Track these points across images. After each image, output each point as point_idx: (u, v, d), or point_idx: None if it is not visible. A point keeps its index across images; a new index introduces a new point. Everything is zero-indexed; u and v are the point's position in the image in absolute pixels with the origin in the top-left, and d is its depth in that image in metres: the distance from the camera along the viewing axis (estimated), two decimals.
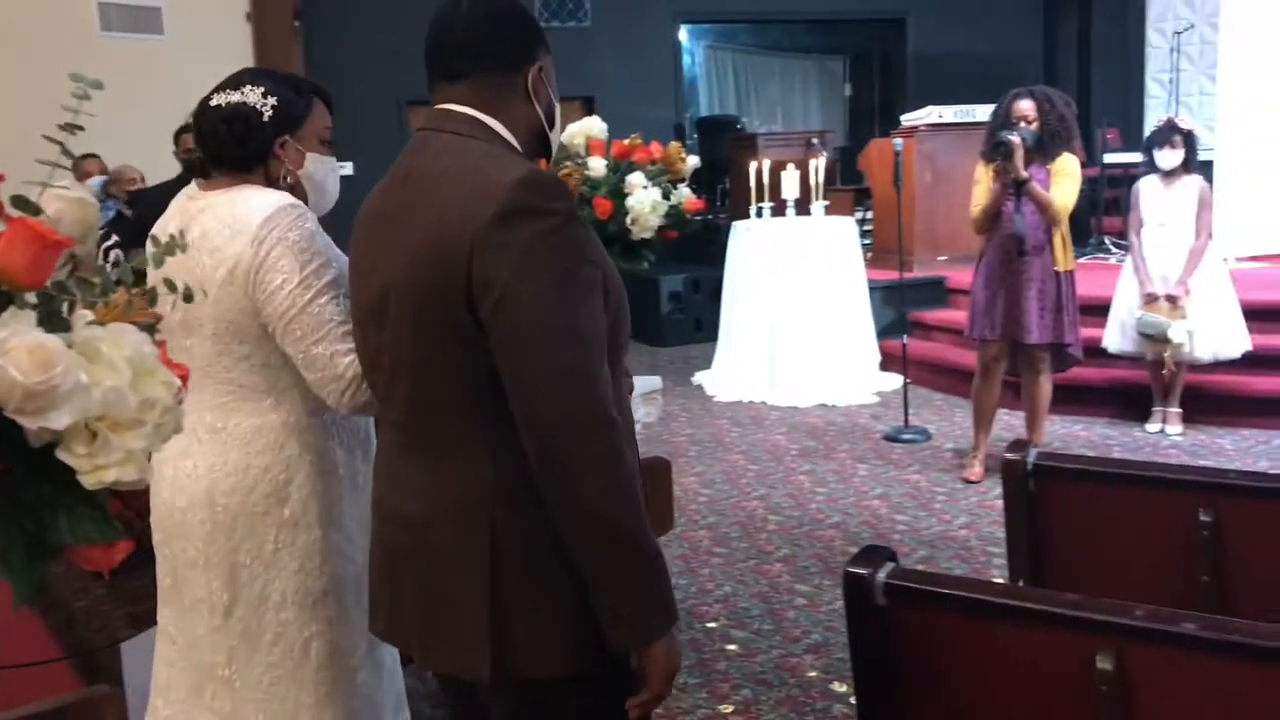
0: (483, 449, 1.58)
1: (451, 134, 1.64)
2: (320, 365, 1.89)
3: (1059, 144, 4.86)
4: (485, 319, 1.50)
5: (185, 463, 1.98)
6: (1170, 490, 2.45)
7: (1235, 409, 5.98)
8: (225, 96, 2.00)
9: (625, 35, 10.06)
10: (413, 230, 1.57)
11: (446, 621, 1.62)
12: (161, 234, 1.95)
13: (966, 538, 4.50)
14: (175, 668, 2.07)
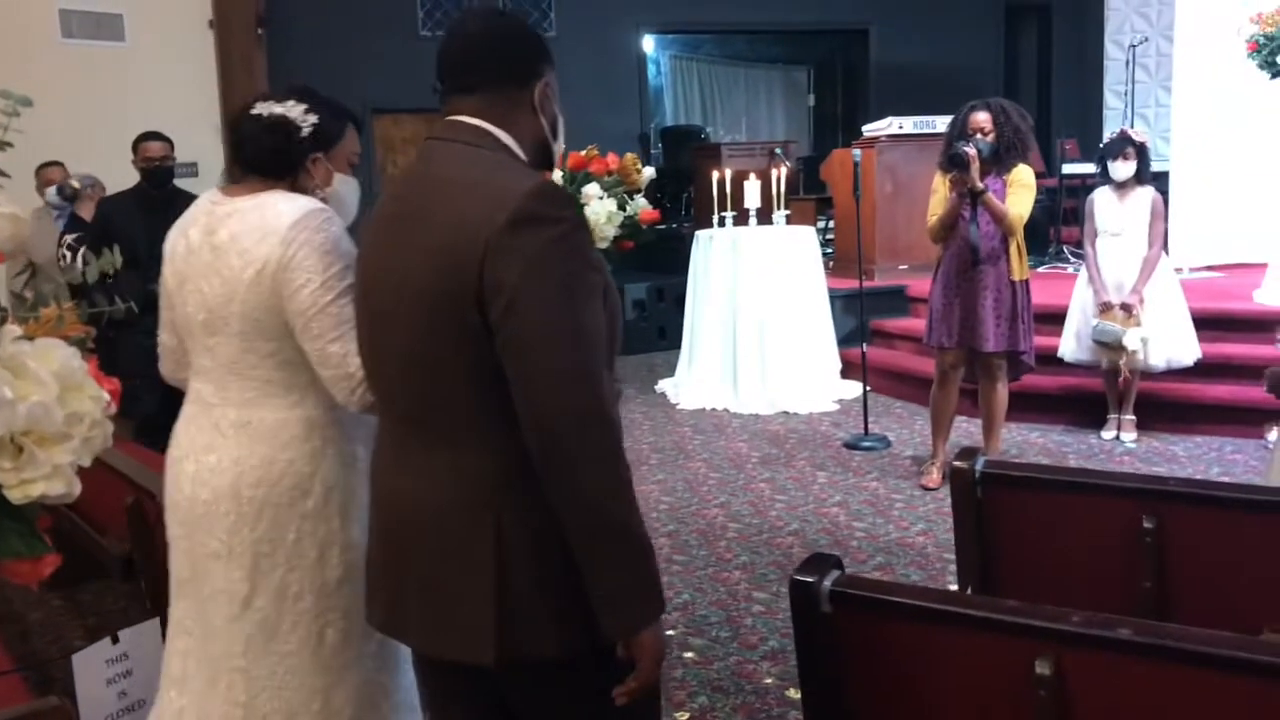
0: (489, 443, 1.65)
1: (462, 144, 1.73)
2: (334, 363, 1.98)
3: (1014, 155, 4.93)
4: (494, 320, 1.57)
5: (209, 457, 2.06)
6: (1114, 497, 2.49)
7: (1188, 416, 6.07)
8: (268, 107, 2.10)
9: (590, 45, 10.08)
10: (428, 234, 1.64)
11: (452, 608, 1.68)
12: (182, 237, 2.08)
13: (924, 544, 4.54)
14: (191, 659, 2.12)
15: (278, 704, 2.08)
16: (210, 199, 2.12)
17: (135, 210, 5.00)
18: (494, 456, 1.65)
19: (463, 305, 1.59)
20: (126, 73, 7.92)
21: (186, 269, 2.10)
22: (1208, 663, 1.67)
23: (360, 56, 9.38)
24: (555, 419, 1.56)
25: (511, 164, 1.74)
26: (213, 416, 2.09)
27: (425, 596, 1.72)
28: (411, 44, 9.58)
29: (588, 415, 1.57)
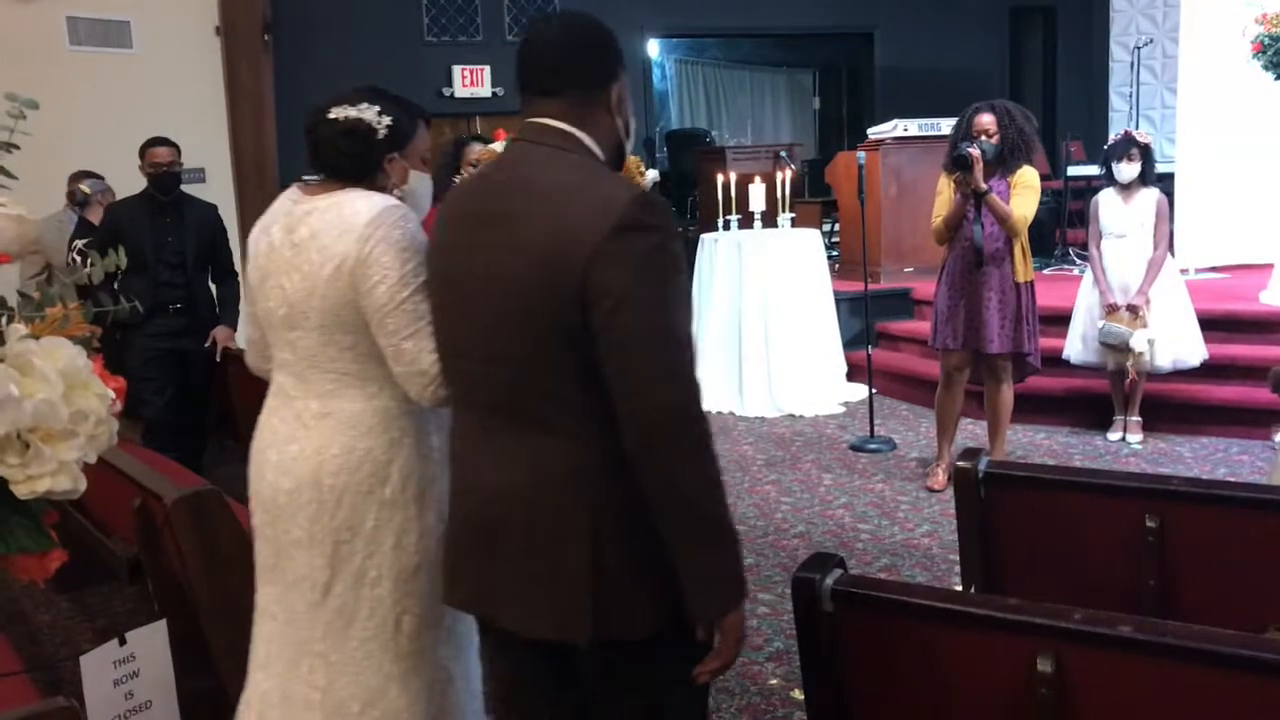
0: (584, 431, 1.73)
1: (551, 147, 1.79)
2: (408, 359, 2.03)
3: (1019, 157, 4.93)
4: (598, 321, 1.65)
5: (290, 447, 2.13)
6: (1117, 497, 2.50)
7: (1194, 418, 6.06)
8: (343, 111, 2.13)
9: None
10: (528, 236, 1.70)
11: (545, 590, 1.76)
12: (264, 235, 2.17)
13: (929, 546, 4.54)
14: (274, 644, 2.20)
15: (355, 689, 2.14)
16: (290, 198, 2.19)
17: (142, 215, 5.03)
18: (585, 447, 1.74)
19: (564, 305, 1.67)
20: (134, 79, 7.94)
21: (268, 265, 2.15)
22: (1210, 660, 1.67)
23: (366, 62, 9.39)
24: (658, 416, 1.65)
25: (605, 170, 1.83)
26: (294, 408, 2.15)
27: (519, 578, 1.79)
28: (417, 50, 9.62)
29: (688, 413, 1.68)
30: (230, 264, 5.38)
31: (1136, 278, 5.71)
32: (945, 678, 1.91)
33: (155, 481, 2.91)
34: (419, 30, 9.65)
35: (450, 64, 9.71)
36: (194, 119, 7.82)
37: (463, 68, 9.73)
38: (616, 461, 1.71)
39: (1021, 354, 5.07)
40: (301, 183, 2.22)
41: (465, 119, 9.69)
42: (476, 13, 9.78)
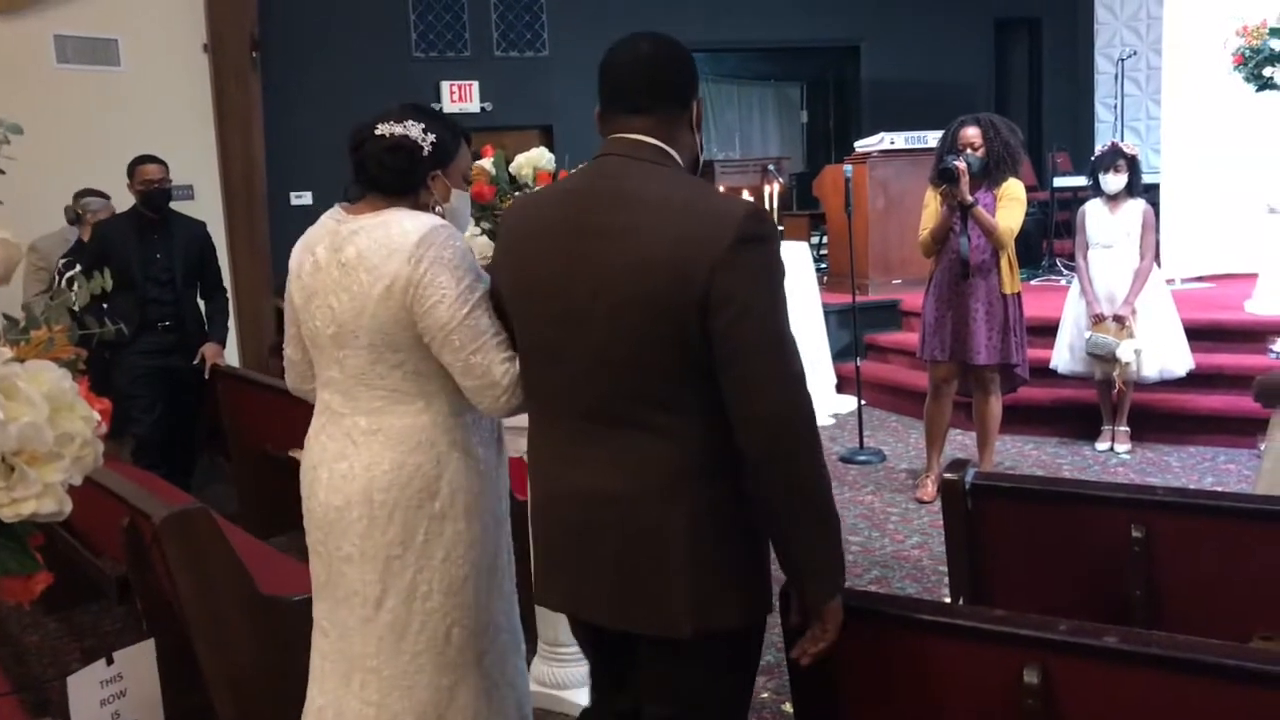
0: (679, 435, 1.82)
1: (646, 161, 1.88)
2: (478, 373, 2.06)
3: (1004, 169, 4.96)
4: (719, 329, 1.75)
5: (340, 465, 2.16)
6: (1103, 507, 2.52)
7: (1182, 427, 6.08)
8: (390, 128, 2.16)
9: (583, 65, 10.03)
10: (644, 247, 1.78)
11: (643, 585, 1.85)
12: (308, 254, 2.19)
13: (919, 557, 4.55)
14: (328, 660, 2.23)
15: (409, 703, 2.17)
16: (334, 218, 2.20)
17: (130, 233, 5.03)
18: (682, 447, 1.82)
19: (684, 312, 1.76)
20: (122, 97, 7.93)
21: (314, 284, 2.17)
22: (1196, 670, 1.69)
23: (354, 78, 9.40)
24: (782, 418, 1.76)
25: (708, 185, 1.96)
26: (343, 426, 2.18)
27: (617, 575, 1.87)
28: (405, 65, 9.62)
29: (804, 414, 1.79)
30: (218, 280, 5.37)
31: (1123, 288, 5.74)
32: (934, 689, 1.92)
33: (143, 500, 2.91)
34: (407, 46, 9.66)
35: (438, 79, 9.72)
36: (182, 136, 7.81)
37: (451, 83, 9.74)
38: (713, 463, 1.82)
39: (1009, 365, 5.09)
40: (344, 202, 2.26)
41: None
42: (465, 28, 9.80)
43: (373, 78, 9.46)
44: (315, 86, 9.29)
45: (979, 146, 4.94)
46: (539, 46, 10.07)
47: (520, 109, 9.89)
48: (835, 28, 11.11)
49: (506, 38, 9.95)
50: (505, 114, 9.84)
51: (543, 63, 10.07)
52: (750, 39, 11.23)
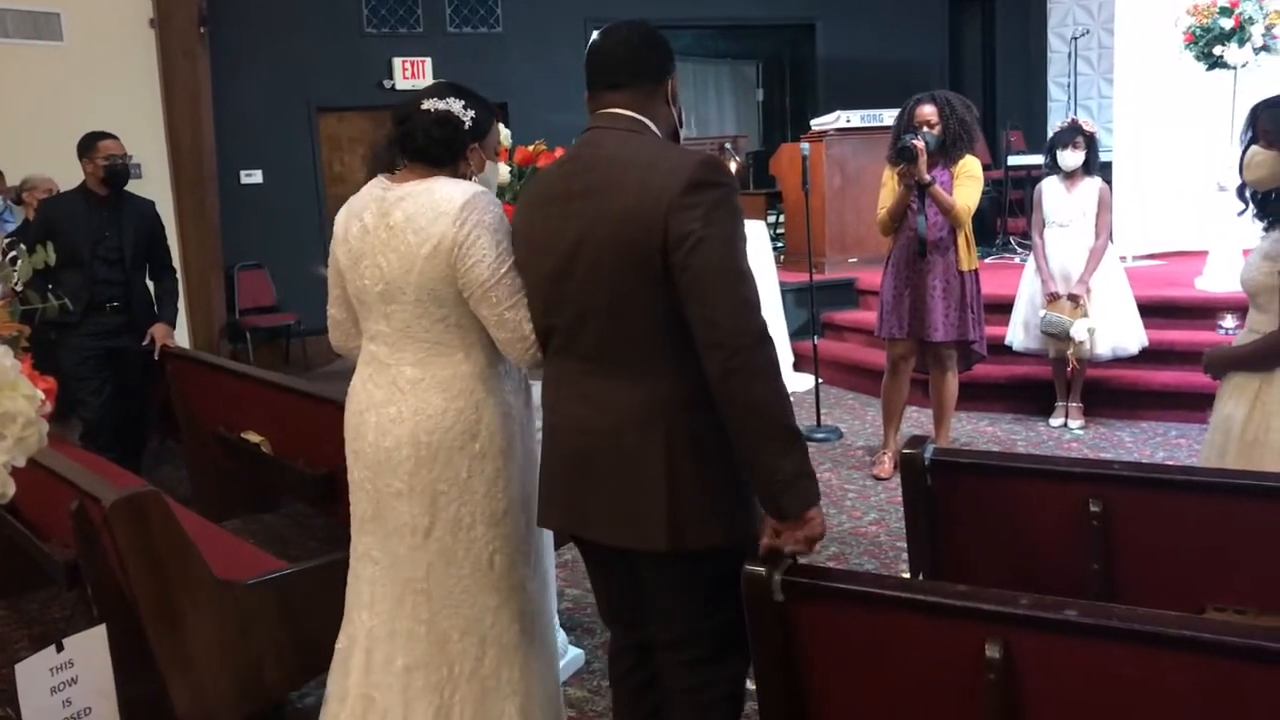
0: (662, 370, 2.05)
1: (624, 130, 2.12)
2: (511, 327, 2.29)
3: (961, 146, 4.97)
4: (678, 262, 1.95)
5: (389, 409, 2.38)
6: (1061, 482, 2.53)
7: (1134, 403, 6.16)
8: (434, 103, 2.36)
9: (537, 41, 10.02)
10: (615, 201, 2.02)
11: (631, 505, 2.07)
12: (356, 220, 2.40)
13: (876, 534, 4.57)
14: (378, 585, 2.45)
15: (455, 620, 2.42)
16: (380, 186, 2.39)
17: (78, 211, 4.91)
18: (662, 382, 2.05)
19: (649, 254, 1.97)
20: (66, 73, 7.77)
21: (362, 247, 2.37)
22: (1153, 641, 1.70)
23: (304, 54, 9.27)
24: (737, 339, 1.94)
25: (674, 145, 2.18)
26: (390, 375, 2.39)
27: (607, 498, 2.10)
28: (356, 42, 9.49)
29: (759, 336, 1.96)
30: (168, 260, 5.27)
31: (1078, 266, 5.78)
32: (895, 665, 1.92)
33: (92, 483, 2.85)
34: (358, 22, 9.52)
35: (391, 56, 9.60)
36: (128, 113, 7.67)
37: (403, 59, 9.62)
38: (687, 397, 2.04)
39: (967, 342, 5.12)
40: (387, 173, 2.44)
41: None
42: (417, 4, 9.67)
43: (324, 55, 9.33)
44: (265, 63, 9.15)
45: (935, 124, 4.94)
46: (493, 23, 9.97)
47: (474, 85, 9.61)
48: (791, 6, 11.10)
49: (460, 13, 9.84)
50: None
51: (497, 39, 9.98)
52: (706, 16, 11.20)
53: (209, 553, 2.90)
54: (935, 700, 1.88)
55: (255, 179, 9.29)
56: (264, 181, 9.32)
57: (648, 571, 2.17)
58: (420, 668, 2.42)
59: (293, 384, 4.22)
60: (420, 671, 2.42)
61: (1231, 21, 6.66)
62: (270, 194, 9.30)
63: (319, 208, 9.48)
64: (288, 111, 9.28)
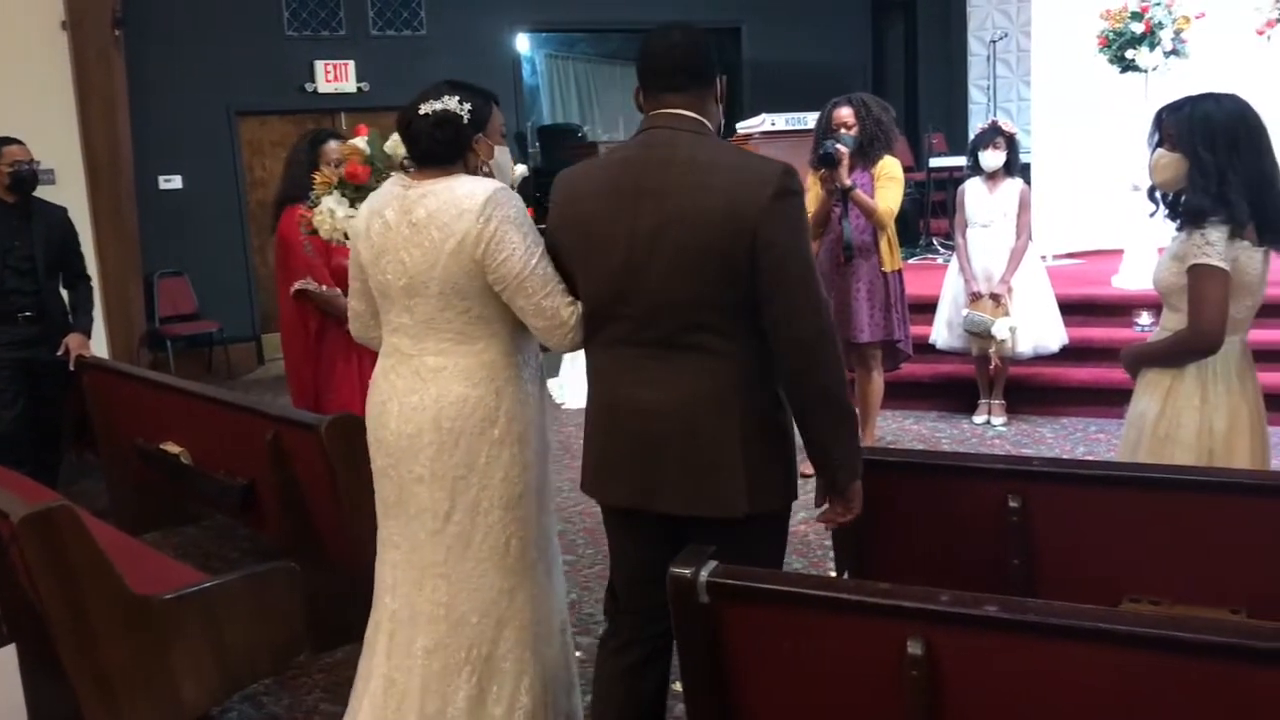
0: (733, 355, 2.24)
1: (689, 132, 2.26)
2: (549, 314, 2.38)
3: (878, 147, 5.03)
4: (765, 265, 2.15)
5: (411, 398, 2.46)
6: (981, 479, 2.57)
7: (1055, 399, 6.28)
8: (430, 106, 2.43)
9: (462, 44, 9.95)
10: (701, 201, 2.17)
11: (709, 478, 2.26)
12: (377, 217, 2.49)
13: (805, 533, 4.60)
14: (399, 569, 2.54)
15: (474, 603, 2.50)
16: (400, 184, 2.48)
17: None
18: (730, 366, 2.24)
19: (736, 254, 2.16)
20: None
21: (384, 243, 2.45)
22: (1070, 635, 1.72)
23: (224, 57, 9.10)
24: (814, 334, 2.18)
25: (744, 149, 2.41)
26: (412, 365, 2.48)
27: (679, 472, 2.27)
28: (277, 45, 9.34)
29: (830, 332, 2.22)
30: (82, 268, 5.15)
31: (1000, 265, 5.87)
32: (821, 663, 1.93)
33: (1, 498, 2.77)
34: (279, 24, 9.37)
35: (312, 59, 9.46)
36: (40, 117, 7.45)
37: (326, 62, 9.49)
38: (754, 379, 2.26)
39: (892, 341, 5.17)
40: (403, 171, 2.59)
41: (330, 115, 9.45)
42: (339, 6, 9.55)
43: (244, 57, 9.17)
44: (183, 66, 8.97)
45: (853, 126, 5.00)
46: (417, 25, 9.88)
47: (399, 89, 9.56)
48: (715, 9, 11.15)
49: (383, 16, 9.74)
50: (383, 94, 9.63)
51: (420, 42, 9.89)
52: (631, 19, 11.20)
53: (126, 567, 2.83)
54: (860, 697, 1.90)
55: (175, 184, 9.11)
56: (184, 187, 9.15)
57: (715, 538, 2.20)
58: (439, 649, 2.51)
59: (212, 393, 4.15)
60: (439, 654, 2.51)
61: (1142, 26, 6.83)
62: (190, 200, 9.12)
63: (240, 213, 9.32)
64: (207, 115, 9.11)
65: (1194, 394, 2.81)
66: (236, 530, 4.93)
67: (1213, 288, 2.69)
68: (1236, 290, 2.74)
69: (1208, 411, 2.79)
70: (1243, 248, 2.71)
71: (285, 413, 3.77)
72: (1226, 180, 2.67)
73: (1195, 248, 2.71)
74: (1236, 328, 2.81)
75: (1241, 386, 2.84)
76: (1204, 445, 2.79)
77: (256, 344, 9.54)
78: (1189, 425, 2.80)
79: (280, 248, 4.50)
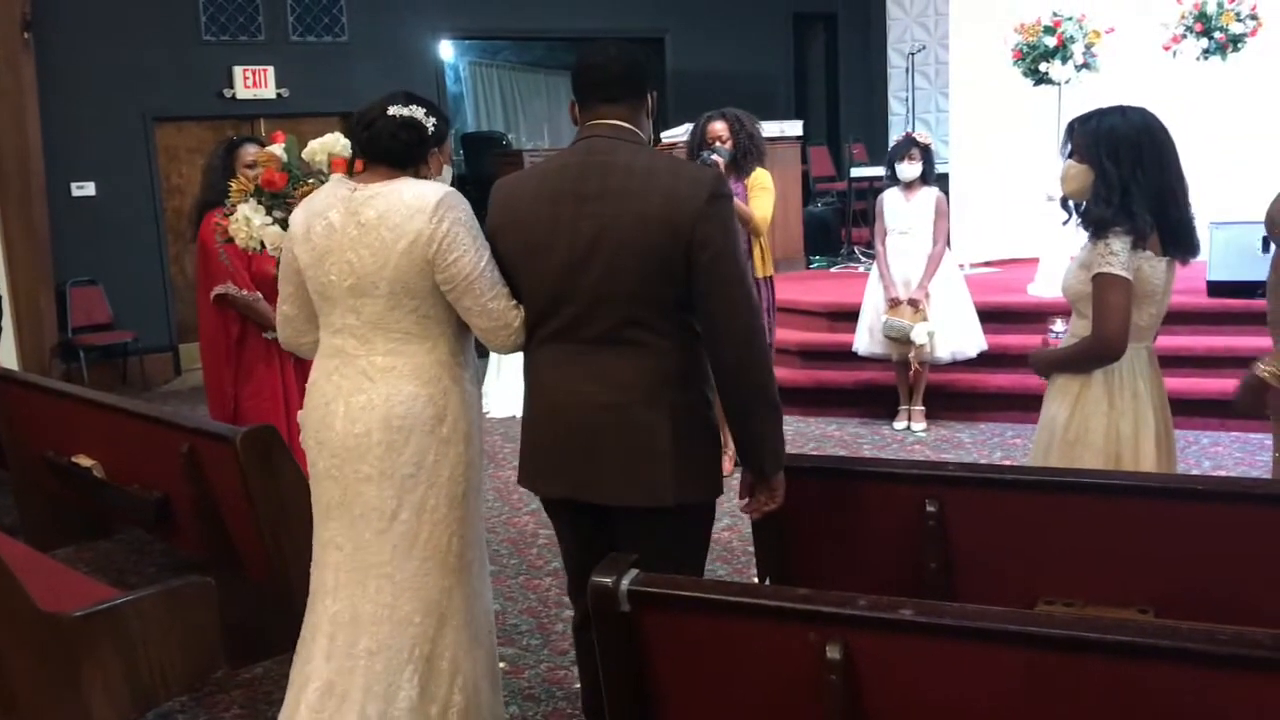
0: (664, 350, 2.36)
1: (625, 141, 2.40)
2: (494, 316, 2.45)
3: (751, 160, 5.17)
4: (700, 264, 2.29)
5: (358, 398, 2.48)
6: (898, 484, 2.60)
7: (974, 405, 6.40)
8: (399, 109, 2.49)
9: (384, 51, 9.85)
10: (639, 205, 2.30)
11: (639, 469, 2.37)
12: (319, 219, 2.50)
13: (729, 539, 4.63)
14: (341, 571, 2.55)
15: (417, 603, 2.53)
16: (345, 187, 2.50)
17: None
18: (664, 360, 2.36)
19: (674, 253, 2.29)
20: None
21: (328, 244, 2.47)
22: (985, 637, 1.75)
23: (139, 62, 8.90)
24: (745, 331, 2.32)
25: (679, 158, 2.51)
26: (359, 365, 2.50)
27: (616, 464, 2.37)
28: (193, 50, 9.16)
29: (760, 330, 2.36)
30: None
31: (918, 272, 5.97)
32: (742, 669, 1.94)
33: None
34: (196, 29, 9.20)
35: (231, 64, 9.30)
36: None
37: (244, 68, 9.33)
38: (684, 374, 2.39)
39: None
40: (345, 174, 2.64)
41: (248, 121, 9.29)
42: (258, 11, 9.40)
43: (159, 62, 8.99)
44: (97, 70, 8.76)
45: (727, 139, 5.10)
46: (338, 31, 9.77)
47: (319, 95, 9.56)
48: (639, 18, 11.19)
49: (303, 21, 9.61)
50: (303, 100, 9.51)
51: (341, 48, 9.78)
52: (555, 28, 11.21)
53: (34, 584, 2.75)
54: (781, 702, 1.91)
55: (88, 191, 8.88)
56: (97, 194, 8.93)
57: (642, 528, 2.40)
58: (382, 650, 2.51)
59: (125, 404, 4.06)
60: (382, 654, 2.51)
61: (1054, 40, 6.99)
62: (104, 207, 8.90)
63: (157, 220, 9.12)
64: (122, 121, 8.91)
65: (1101, 399, 2.88)
66: (152, 545, 4.82)
67: (1115, 296, 2.76)
68: (1140, 299, 2.81)
69: (1114, 416, 2.87)
70: (1145, 257, 2.79)
71: (200, 424, 3.70)
72: (1129, 192, 2.75)
73: (1099, 257, 2.78)
74: (1142, 335, 2.89)
75: (1149, 392, 2.91)
76: (1111, 449, 2.86)
77: (173, 354, 9.34)
78: (1097, 430, 2.87)
79: (200, 254, 4.45)
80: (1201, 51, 7.54)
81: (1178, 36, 7.58)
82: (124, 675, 2.82)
